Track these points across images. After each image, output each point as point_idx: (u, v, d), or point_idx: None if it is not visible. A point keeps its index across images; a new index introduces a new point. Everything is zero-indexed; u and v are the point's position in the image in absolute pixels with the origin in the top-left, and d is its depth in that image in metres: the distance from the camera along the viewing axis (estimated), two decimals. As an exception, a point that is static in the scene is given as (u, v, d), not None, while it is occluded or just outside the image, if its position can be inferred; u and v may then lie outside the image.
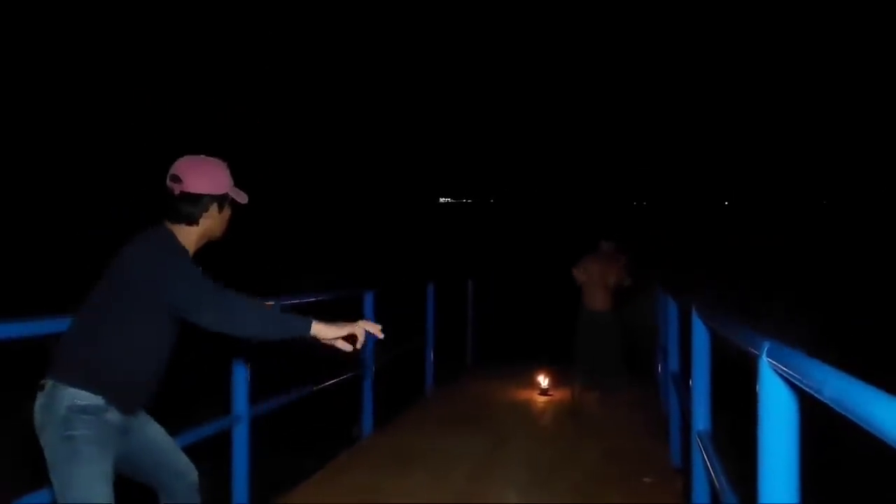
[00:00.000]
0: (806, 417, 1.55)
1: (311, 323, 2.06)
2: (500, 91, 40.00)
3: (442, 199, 38.77)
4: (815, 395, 1.25)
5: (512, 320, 9.20)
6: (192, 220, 2.19)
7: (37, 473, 2.16)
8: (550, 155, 39.29)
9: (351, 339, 2.12)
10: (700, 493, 3.23)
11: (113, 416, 2.08)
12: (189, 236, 2.19)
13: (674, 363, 4.97)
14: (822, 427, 1.82)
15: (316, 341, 2.09)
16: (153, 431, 2.29)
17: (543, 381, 7.06)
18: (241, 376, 3.50)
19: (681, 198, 37.75)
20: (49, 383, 2.04)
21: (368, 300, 5.35)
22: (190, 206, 2.18)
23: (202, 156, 2.24)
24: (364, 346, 2.21)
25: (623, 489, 4.12)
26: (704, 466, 2.99)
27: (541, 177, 38.54)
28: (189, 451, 2.70)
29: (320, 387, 4.62)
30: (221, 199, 2.22)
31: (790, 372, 1.38)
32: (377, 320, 5.79)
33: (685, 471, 4.00)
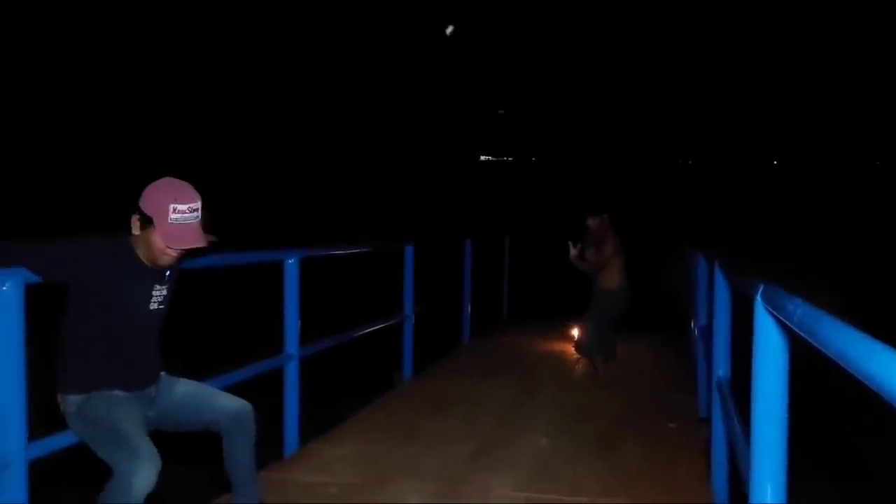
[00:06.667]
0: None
1: None
2: (543, 49, 39.32)
3: (483, 157, 38.70)
4: (797, 329, 1.42)
5: (549, 277, 9.40)
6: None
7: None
8: (593, 113, 38.70)
9: None
10: (719, 438, 3.41)
11: (119, 392, 2.31)
12: (135, 242, 2.31)
13: (703, 318, 5.11)
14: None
15: None
16: (183, 388, 2.50)
17: (577, 334, 7.24)
18: (292, 319, 3.80)
19: (728, 157, 36.92)
20: (58, 396, 2.33)
21: (408, 253, 5.61)
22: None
23: (174, 179, 2.30)
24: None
25: (647, 434, 4.33)
26: (723, 411, 3.16)
27: (582, 135, 38.06)
28: (241, 387, 2.98)
29: (363, 332, 4.91)
30: (143, 218, 2.26)
31: (779, 311, 1.55)
32: (417, 273, 6.06)
33: (710, 421, 4.18)
